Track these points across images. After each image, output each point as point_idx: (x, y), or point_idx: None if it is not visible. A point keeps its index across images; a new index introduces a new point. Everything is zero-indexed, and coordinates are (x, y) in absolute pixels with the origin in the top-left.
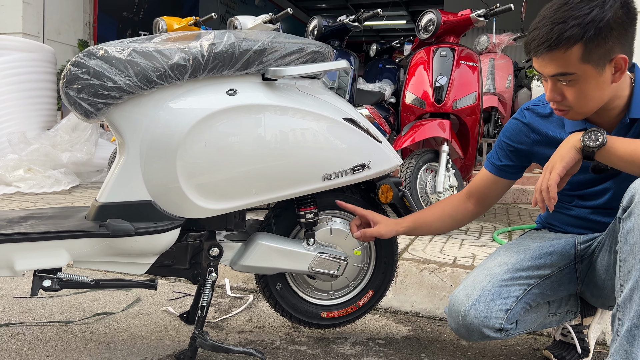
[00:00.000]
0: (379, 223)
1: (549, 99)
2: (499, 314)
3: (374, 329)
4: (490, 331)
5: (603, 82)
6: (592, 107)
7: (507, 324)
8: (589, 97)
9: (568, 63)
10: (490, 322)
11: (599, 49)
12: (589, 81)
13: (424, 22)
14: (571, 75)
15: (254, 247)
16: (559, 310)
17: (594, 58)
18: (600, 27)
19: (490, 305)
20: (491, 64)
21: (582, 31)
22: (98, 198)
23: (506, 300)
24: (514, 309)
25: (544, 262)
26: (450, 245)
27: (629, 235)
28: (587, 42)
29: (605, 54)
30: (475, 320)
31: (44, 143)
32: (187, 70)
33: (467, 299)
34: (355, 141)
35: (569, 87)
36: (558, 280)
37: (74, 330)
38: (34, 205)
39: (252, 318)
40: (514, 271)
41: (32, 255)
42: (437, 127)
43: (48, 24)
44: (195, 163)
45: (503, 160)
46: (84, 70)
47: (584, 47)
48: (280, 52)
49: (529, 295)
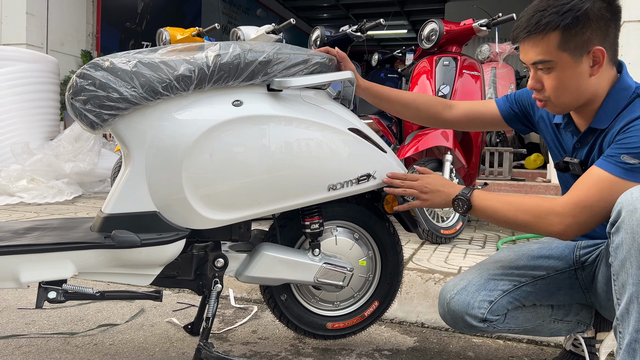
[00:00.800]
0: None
1: (529, 86)
2: (482, 304)
3: (379, 340)
4: (473, 320)
5: (580, 73)
6: (569, 99)
7: (491, 315)
8: (566, 87)
9: (546, 50)
10: (473, 310)
11: (576, 38)
12: (566, 70)
13: (426, 32)
14: (549, 63)
15: (259, 258)
16: (568, 318)
17: (570, 47)
18: (577, 16)
19: (474, 295)
20: (493, 73)
21: (559, 18)
22: (103, 209)
23: (492, 292)
24: (498, 301)
25: (540, 263)
26: (455, 254)
27: (619, 250)
28: (564, 30)
29: (582, 44)
30: (458, 307)
31: (47, 153)
32: (192, 81)
33: (453, 287)
34: (360, 151)
35: (547, 75)
36: (556, 283)
37: (78, 341)
38: (37, 215)
39: (257, 329)
40: (506, 268)
41: (37, 266)
42: (440, 137)
43: (51, 34)
44: (201, 174)
45: (513, 103)
46: (90, 82)
47: (561, 35)
48: (285, 63)
49: (519, 292)
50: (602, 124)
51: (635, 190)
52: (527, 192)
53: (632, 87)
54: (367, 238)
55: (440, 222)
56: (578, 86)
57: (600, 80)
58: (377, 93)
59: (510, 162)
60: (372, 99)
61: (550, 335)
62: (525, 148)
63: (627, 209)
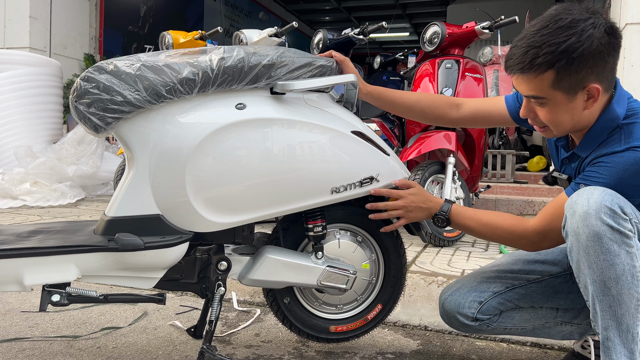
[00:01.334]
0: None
1: (522, 115)
2: (472, 304)
3: (382, 343)
4: (464, 319)
5: (573, 108)
6: (564, 129)
7: (481, 315)
8: (559, 120)
9: (539, 87)
10: (464, 310)
11: (570, 77)
12: (559, 106)
13: (428, 35)
14: (542, 99)
15: (262, 261)
16: (577, 321)
17: (564, 86)
18: (573, 58)
19: (465, 296)
20: (495, 76)
21: (553, 59)
22: (107, 212)
23: (483, 293)
24: (489, 302)
25: (534, 268)
26: (458, 257)
27: (572, 253)
28: (559, 71)
29: (577, 83)
30: (450, 307)
31: (50, 156)
32: (196, 85)
33: (448, 289)
34: (363, 154)
35: (540, 108)
36: (552, 286)
37: (82, 345)
38: (40, 218)
39: (260, 332)
40: (501, 272)
41: (41, 270)
42: (443, 139)
43: (54, 38)
44: (204, 177)
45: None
46: (94, 85)
47: (555, 75)
48: (288, 67)
49: (511, 293)
50: (584, 151)
51: (575, 194)
52: (530, 194)
53: (619, 118)
54: (370, 241)
55: None
56: (571, 119)
57: (594, 109)
58: (380, 96)
59: (512, 165)
60: (376, 101)
61: (562, 338)
62: (528, 150)
63: (568, 212)
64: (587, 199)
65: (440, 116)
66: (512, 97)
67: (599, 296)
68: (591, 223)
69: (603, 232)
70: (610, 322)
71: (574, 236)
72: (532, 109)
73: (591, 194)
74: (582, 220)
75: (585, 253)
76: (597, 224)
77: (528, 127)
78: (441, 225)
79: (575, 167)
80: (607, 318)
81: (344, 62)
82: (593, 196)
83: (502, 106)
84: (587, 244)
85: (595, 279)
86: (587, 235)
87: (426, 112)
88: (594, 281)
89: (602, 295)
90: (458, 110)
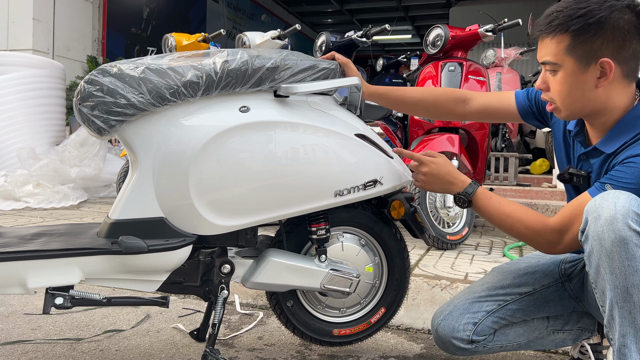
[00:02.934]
0: (354, 75)
1: (537, 86)
2: (466, 327)
3: (385, 346)
4: (460, 342)
5: (584, 82)
6: (573, 107)
7: (477, 336)
8: (570, 94)
9: (554, 51)
10: (458, 334)
11: (584, 45)
12: (570, 76)
13: (431, 37)
14: (554, 65)
15: (266, 264)
16: (568, 327)
17: (577, 53)
18: (589, 23)
19: (458, 319)
20: (498, 78)
21: (571, 22)
22: (110, 215)
23: (475, 314)
24: (483, 322)
25: (525, 280)
26: (461, 260)
27: (591, 258)
28: (574, 35)
29: (590, 53)
30: (444, 332)
31: (53, 158)
32: (200, 88)
33: (440, 314)
34: (366, 157)
35: (553, 77)
36: (544, 297)
37: (84, 347)
38: (43, 220)
39: (263, 335)
40: (491, 289)
41: (44, 272)
42: (446, 142)
43: (57, 40)
44: (208, 180)
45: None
46: (98, 88)
47: (570, 39)
48: (292, 70)
49: (504, 310)
50: (609, 147)
51: (599, 197)
52: (533, 197)
53: None
54: (374, 244)
55: (446, 228)
56: (582, 95)
57: (610, 93)
58: (383, 95)
59: (515, 168)
60: (379, 100)
61: (556, 347)
62: (531, 153)
63: (592, 216)
64: (614, 202)
65: (445, 114)
66: (522, 95)
67: (619, 302)
68: (618, 228)
69: (629, 237)
70: (629, 329)
71: (596, 240)
72: (545, 79)
73: (617, 197)
74: (608, 225)
75: (609, 258)
76: (624, 228)
77: (535, 125)
78: (461, 205)
79: (595, 163)
80: (626, 325)
81: (347, 64)
82: (620, 200)
83: (511, 103)
84: (611, 249)
85: (617, 284)
86: (613, 240)
87: (430, 110)
88: (616, 287)
89: (622, 302)
90: (464, 106)
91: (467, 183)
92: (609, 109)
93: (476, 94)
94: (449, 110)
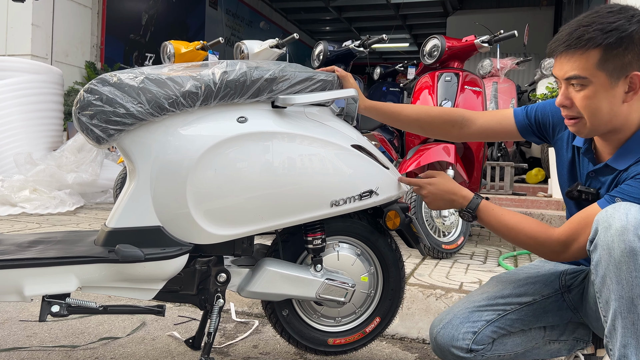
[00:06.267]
0: (352, 87)
1: (558, 103)
2: (466, 336)
3: (380, 356)
4: (459, 351)
5: (613, 96)
6: (599, 122)
7: (476, 345)
8: (598, 108)
9: (583, 66)
10: (458, 342)
11: (616, 59)
12: (600, 91)
13: (428, 48)
14: (584, 80)
15: (262, 273)
16: (563, 338)
17: (609, 67)
18: (622, 37)
19: (458, 328)
20: (494, 88)
21: (603, 36)
22: (107, 223)
23: (475, 323)
24: (482, 331)
25: (525, 290)
26: (456, 270)
27: (599, 267)
28: (606, 49)
29: (621, 67)
30: (444, 341)
31: (50, 164)
32: (199, 98)
33: (440, 322)
34: (362, 168)
35: (579, 93)
36: (543, 307)
37: (80, 355)
38: (39, 226)
39: (258, 344)
40: (491, 299)
41: (41, 280)
42: (442, 151)
43: (56, 46)
44: (205, 189)
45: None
46: (97, 97)
47: (602, 53)
48: (290, 81)
49: (504, 320)
50: (621, 164)
51: (610, 208)
52: (529, 206)
53: None
54: (369, 254)
55: (442, 237)
56: (609, 110)
57: (632, 109)
58: (379, 111)
59: (511, 177)
60: (375, 116)
61: (551, 357)
62: (527, 162)
63: (602, 226)
64: (626, 213)
65: (441, 134)
66: (521, 113)
67: (623, 312)
68: (628, 238)
69: (639, 248)
70: (630, 339)
71: (605, 250)
72: (568, 95)
73: (629, 209)
74: (618, 235)
75: (616, 268)
76: (634, 239)
77: (534, 142)
78: (467, 220)
79: (606, 180)
80: (628, 336)
81: (345, 77)
82: (631, 212)
83: (509, 122)
84: (620, 259)
85: (622, 295)
86: (622, 251)
87: (426, 129)
88: (621, 297)
89: (627, 312)
90: (461, 129)
91: (469, 198)
92: (628, 125)
93: (474, 115)
94: (446, 132)
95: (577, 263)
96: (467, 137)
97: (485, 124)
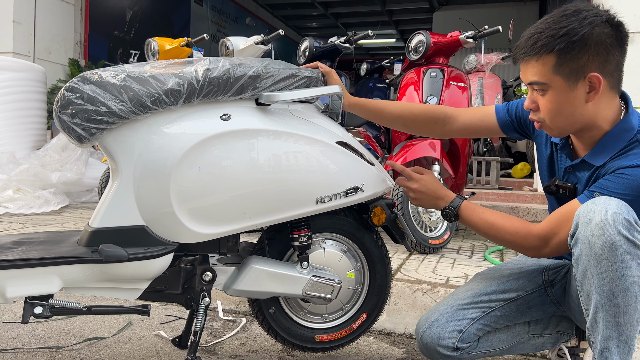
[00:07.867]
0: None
1: (525, 106)
2: (452, 334)
3: (367, 351)
4: (445, 350)
5: (575, 98)
6: (564, 124)
7: (462, 344)
8: (560, 111)
9: (540, 72)
10: (444, 341)
11: (571, 62)
12: (560, 94)
13: (414, 44)
14: (543, 85)
15: (248, 271)
16: (547, 332)
17: (565, 71)
18: (573, 41)
19: (444, 327)
20: (480, 83)
21: (554, 42)
22: (91, 223)
23: (461, 322)
24: (468, 329)
25: (509, 286)
26: (443, 265)
27: (580, 261)
28: (560, 54)
29: (577, 69)
30: (430, 340)
31: (34, 163)
32: (181, 95)
33: (425, 321)
34: (348, 164)
35: (542, 97)
36: (527, 303)
37: (65, 356)
38: (23, 226)
39: (245, 342)
40: (476, 296)
41: (23, 282)
42: (427, 147)
43: (39, 43)
44: (189, 187)
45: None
46: (78, 95)
47: (556, 58)
48: (274, 78)
49: (489, 317)
50: (598, 160)
51: (590, 202)
52: (514, 200)
53: (635, 129)
54: (356, 250)
55: (428, 232)
56: (573, 111)
57: (599, 107)
58: (363, 107)
59: (497, 171)
60: (359, 112)
61: (535, 351)
62: (513, 157)
63: (582, 220)
64: (605, 208)
65: (423, 132)
66: (503, 109)
67: (604, 306)
68: (608, 232)
69: (619, 242)
70: (612, 332)
71: (586, 244)
72: (534, 99)
73: (608, 203)
74: (598, 229)
75: (597, 262)
76: (614, 233)
77: (515, 138)
78: (449, 219)
79: (583, 175)
80: (610, 328)
81: (329, 73)
82: (611, 206)
83: (491, 119)
84: (600, 253)
85: (603, 288)
86: (602, 245)
87: (409, 126)
88: (602, 291)
89: (607, 306)
90: (444, 126)
91: (452, 198)
92: (598, 122)
93: (457, 112)
94: (428, 129)
95: (560, 258)
96: (449, 134)
97: (467, 121)
